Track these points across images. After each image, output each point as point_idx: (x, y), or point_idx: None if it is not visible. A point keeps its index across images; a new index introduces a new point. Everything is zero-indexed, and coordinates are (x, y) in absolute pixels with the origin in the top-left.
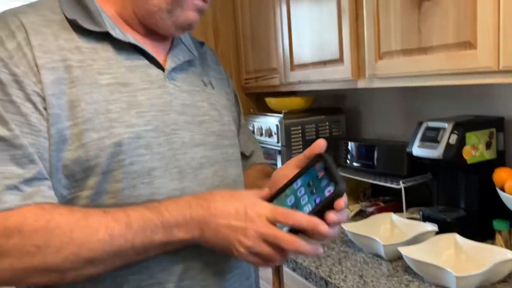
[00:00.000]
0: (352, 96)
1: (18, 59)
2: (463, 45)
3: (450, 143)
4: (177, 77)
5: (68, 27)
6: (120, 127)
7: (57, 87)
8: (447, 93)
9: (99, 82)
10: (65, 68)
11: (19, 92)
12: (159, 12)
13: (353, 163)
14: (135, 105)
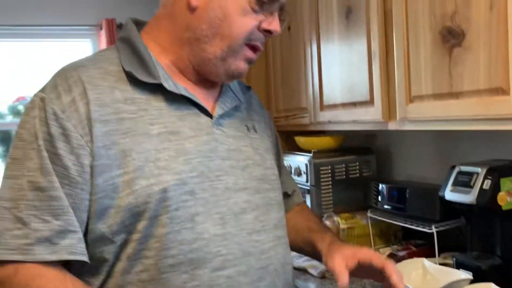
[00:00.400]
0: (382, 136)
1: (70, 113)
2: (495, 91)
3: (484, 189)
4: (223, 123)
5: (124, 78)
6: (167, 174)
7: (108, 138)
8: (479, 136)
9: (150, 132)
10: (118, 120)
11: (65, 145)
12: (214, 59)
13: (383, 205)
14: (182, 152)
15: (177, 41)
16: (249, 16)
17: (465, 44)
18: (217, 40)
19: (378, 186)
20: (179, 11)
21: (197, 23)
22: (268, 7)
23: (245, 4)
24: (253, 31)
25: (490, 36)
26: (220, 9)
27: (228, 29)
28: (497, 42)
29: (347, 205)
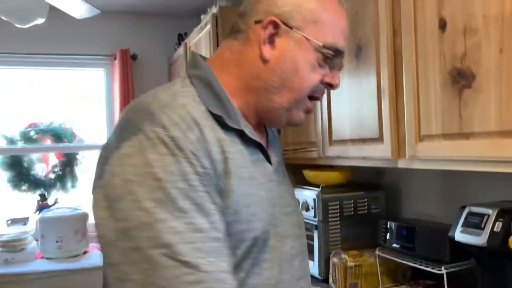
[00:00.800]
0: (391, 172)
1: (202, 151)
2: (506, 134)
3: (495, 231)
4: (277, 169)
5: (212, 119)
6: (256, 222)
7: (222, 179)
8: (489, 176)
9: (242, 175)
10: (223, 160)
11: (209, 184)
12: (280, 109)
13: (392, 244)
14: (261, 199)
15: (245, 88)
16: (316, 71)
17: (475, 86)
18: (285, 92)
19: (386, 224)
20: (250, 60)
21: (269, 74)
22: (332, 63)
23: (314, 60)
24: (318, 84)
25: (501, 79)
26: (292, 64)
27: (297, 83)
28: (508, 85)
29: (355, 242)
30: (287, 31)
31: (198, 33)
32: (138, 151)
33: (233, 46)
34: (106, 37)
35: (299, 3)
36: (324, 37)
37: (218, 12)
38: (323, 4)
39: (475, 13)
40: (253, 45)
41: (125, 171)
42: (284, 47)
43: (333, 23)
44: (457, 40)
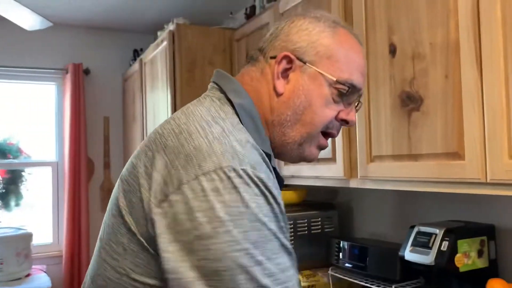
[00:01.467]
0: (345, 192)
1: (277, 191)
2: (452, 156)
3: (442, 250)
4: None
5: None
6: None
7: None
8: (439, 197)
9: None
10: (281, 212)
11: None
12: (292, 143)
13: (345, 263)
14: None
15: (262, 121)
16: (330, 106)
17: (423, 109)
18: (298, 126)
19: (339, 243)
20: (265, 92)
21: (282, 108)
22: (347, 99)
23: (328, 95)
24: (331, 120)
25: (446, 103)
26: (305, 98)
27: (310, 117)
28: (453, 109)
29: (309, 262)
30: (301, 66)
31: (154, 50)
32: (230, 188)
33: (253, 73)
34: (59, 50)
35: (314, 39)
36: (339, 72)
37: (175, 29)
38: (339, 41)
39: (422, 40)
40: (268, 78)
41: (215, 207)
42: (297, 81)
43: (349, 59)
44: (406, 65)
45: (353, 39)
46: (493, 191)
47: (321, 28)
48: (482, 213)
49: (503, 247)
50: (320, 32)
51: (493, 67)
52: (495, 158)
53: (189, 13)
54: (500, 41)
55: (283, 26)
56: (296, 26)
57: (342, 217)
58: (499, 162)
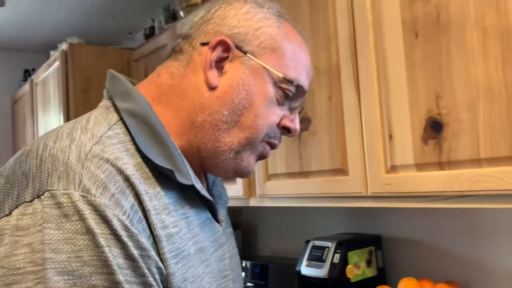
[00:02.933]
0: (247, 211)
1: (138, 224)
2: (337, 172)
3: (334, 262)
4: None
5: (150, 176)
6: None
7: (171, 264)
8: (333, 211)
9: (190, 252)
10: (166, 237)
11: (148, 272)
12: (228, 152)
13: (246, 283)
14: (213, 277)
15: (187, 124)
16: (273, 109)
17: (312, 129)
18: (236, 130)
19: (241, 263)
20: (194, 87)
21: (216, 105)
22: (293, 103)
23: (272, 95)
24: (274, 126)
25: (331, 123)
26: (246, 95)
27: (252, 120)
28: (336, 129)
29: None
30: (240, 57)
31: (46, 70)
32: (38, 225)
33: (174, 69)
34: None
35: (258, 26)
36: (285, 69)
37: (69, 48)
38: (286, 33)
39: None
40: (197, 69)
41: (16, 255)
42: (236, 75)
43: (296, 56)
44: None
45: (299, 36)
46: (374, 204)
47: (265, 14)
48: (371, 225)
49: (390, 255)
50: (264, 19)
51: (368, 89)
52: (374, 173)
53: (86, 32)
54: (373, 65)
55: (217, 8)
56: (235, 9)
57: (246, 236)
58: (377, 177)
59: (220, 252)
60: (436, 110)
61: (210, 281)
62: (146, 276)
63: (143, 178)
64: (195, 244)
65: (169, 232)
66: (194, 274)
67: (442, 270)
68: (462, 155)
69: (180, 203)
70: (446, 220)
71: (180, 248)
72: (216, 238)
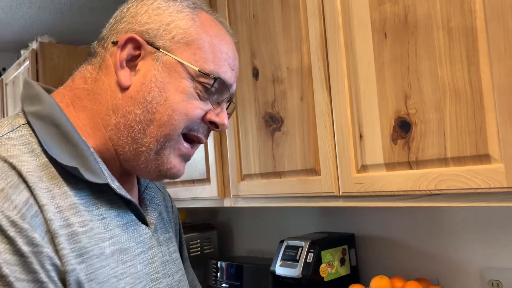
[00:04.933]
0: (223, 211)
1: (32, 219)
2: (310, 172)
3: (307, 261)
4: (157, 228)
5: (56, 175)
6: None
7: (70, 260)
8: (308, 210)
9: (105, 252)
10: (69, 236)
11: (41, 268)
12: (147, 152)
13: (222, 284)
14: (138, 278)
15: (101, 126)
16: (193, 103)
17: (284, 129)
18: (152, 128)
19: (217, 263)
20: (106, 89)
21: (129, 105)
22: (217, 97)
23: (191, 89)
24: (196, 120)
25: (303, 123)
26: (159, 92)
27: (168, 115)
28: (308, 128)
29: None
30: (153, 53)
31: (16, 69)
32: None
33: (87, 72)
34: None
35: (168, 21)
36: (202, 62)
37: (39, 47)
38: (202, 25)
39: (280, 64)
40: (110, 70)
41: None
42: (148, 72)
43: (214, 48)
44: (268, 88)
45: (219, 26)
46: (345, 204)
47: (177, 8)
48: (345, 223)
49: (363, 254)
50: (176, 12)
51: (339, 89)
52: (345, 173)
53: (58, 31)
54: (344, 65)
55: (129, 6)
56: (146, 5)
57: (221, 237)
58: (348, 177)
59: (149, 254)
60: (404, 110)
61: (132, 282)
62: (37, 272)
63: (48, 178)
64: (113, 245)
65: (73, 230)
66: (108, 274)
67: (414, 267)
68: (429, 154)
69: (95, 204)
70: (418, 218)
71: (86, 247)
72: (143, 240)
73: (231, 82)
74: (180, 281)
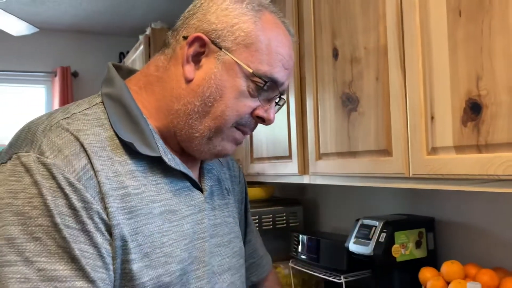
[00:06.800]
0: (311, 188)
1: (86, 181)
2: (382, 153)
3: (380, 241)
4: (212, 194)
5: (119, 146)
6: (173, 263)
7: (119, 216)
8: (392, 192)
9: (153, 212)
10: (122, 196)
11: (89, 221)
12: (200, 137)
13: (301, 256)
14: (183, 235)
15: (165, 110)
16: (244, 101)
17: (360, 110)
18: (207, 119)
19: (298, 237)
20: (173, 78)
21: (191, 97)
22: (266, 94)
23: (243, 88)
24: (245, 116)
25: (377, 104)
26: (217, 88)
27: (221, 111)
28: (382, 109)
29: (274, 255)
30: (216, 52)
31: (133, 53)
32: (5, 178)
33: (159, 61)
34: (47, 54)
35: (233, 23)
36: (257, 63)
37: (151, 33)
38: (263, 27)
39: (358, 44)
40: (178, 62)
41: None
42: (210, 69)
43: (271, 50)
44: (346, 68)
45: (280, 27)
46: (415, 185)
47: (243, 10)
48: (427, 206)
49: (442, 238)
50: (241, 14)
51: (413, 70)
52: (415, 155)
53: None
54: (419, 45)
55: (202, 2)
56: (216, 4)
57: (307, 213)
58: (419, 158)
59: (198, 216)
60: (475, 91)
61: (176, 238)
62: (86, 224)
63: (112, 148)
64: (163, 206)
65: (127, 192)
66: (153, 230)
67: (493, 256)
68: (499, 138)
69: (152, 172)
70: (502, 206)
71: (136, 206)
72: (195, 204)
73: (283, 81)
74: (231, 242)
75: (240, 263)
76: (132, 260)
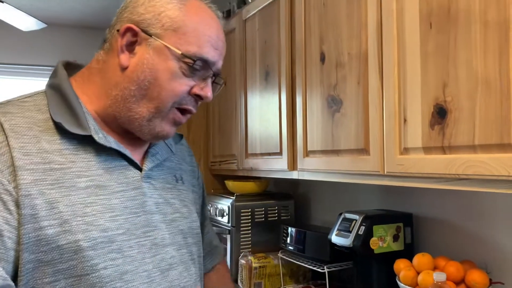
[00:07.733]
0: (303, 184)
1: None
2: (361, 152)
3: (359, 234)
4: (152, 175)
5: (52, 127)
6: (95, 231)
7: (34, 188)
8: (377, 189)
9: (77, 185)
10: (45, 170)
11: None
12: (140, 119)
13: (289, 247)
14: (109, 208)
15: (104, 96)
16: (179, 81)
17: (342, 111)
18: (144, 101)
19: (287, 229)
20: (111, 68)
21: (126, 82)
22: (200, 74)
23: (176, 69)
24: (183, 95)
25: (358, 106)
26: (150, 72)
27: (157, 92)
28: (362, 111)
29: (265, 246)
30: (146, 39)
31: None
32: None
33: (100, 56)
34: (54, 49)
35: (159, 11)
36: (186, 45)
37: None
38: (188, 13)
39: (343, 50)
40: (114, 53)
41: None
42: (142, 55)
43: (198, 32)
44: (331, 72)
45: (206, 11)
46: (389, 182)
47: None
48: (407, 203)
49: (419, 233)
50: (166, 3)
51: (390, 76)
52: (390, 154)
53: None
54: (395, 53)
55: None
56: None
57: (298, 207)
58: (392, 158)
59: (132, 193)
60: (442, 97)
61: (101, 210)
62: None
63: (43, 128)
64: (90, 181)
65: (50, 167)
66: (75, 201)
67: (467, 251)
68: (460, 140)
69: (85, 150)
70: (476, 203)
71: (58, 180)
72: (129, 182)
73: (214, 60)
74: (174, 220)
75: (187, 242)
76: (47, 227)
